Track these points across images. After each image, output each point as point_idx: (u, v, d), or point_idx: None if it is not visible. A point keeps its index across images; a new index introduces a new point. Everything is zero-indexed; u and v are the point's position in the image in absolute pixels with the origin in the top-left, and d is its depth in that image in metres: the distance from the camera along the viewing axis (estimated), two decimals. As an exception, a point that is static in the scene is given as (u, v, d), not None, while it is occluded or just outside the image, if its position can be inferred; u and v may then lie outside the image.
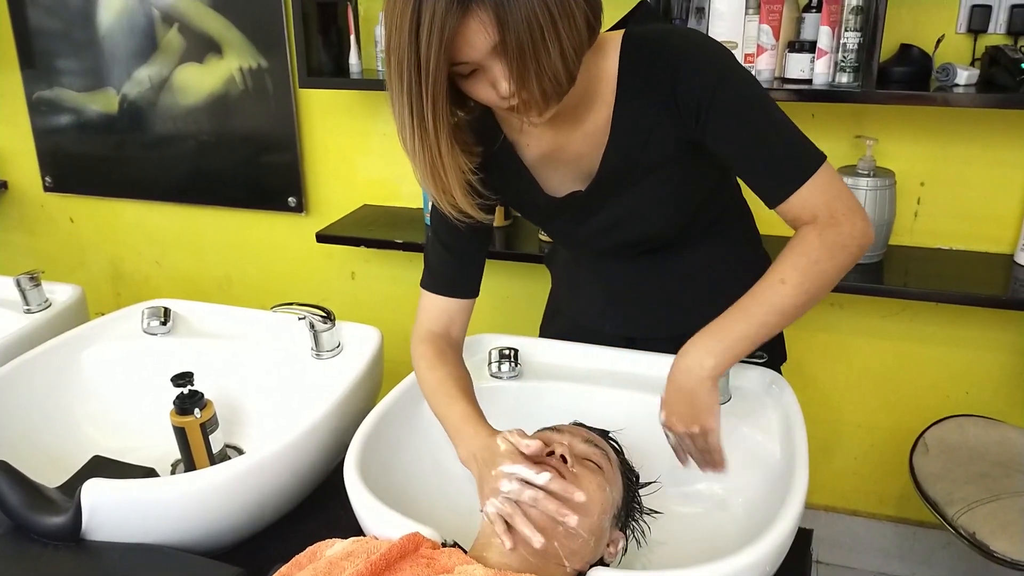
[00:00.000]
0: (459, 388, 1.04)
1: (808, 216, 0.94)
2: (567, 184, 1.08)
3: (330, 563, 0.80)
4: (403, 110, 0.87)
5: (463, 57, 0.83)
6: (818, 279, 0.94)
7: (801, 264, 0.93)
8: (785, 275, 0.94)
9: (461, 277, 1.13)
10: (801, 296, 0.94)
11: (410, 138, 0.89)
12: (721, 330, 0.95)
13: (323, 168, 2.21)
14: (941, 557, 2.03)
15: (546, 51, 0.82)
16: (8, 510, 0.98)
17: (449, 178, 0.93)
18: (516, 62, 0.82)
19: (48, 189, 2.51)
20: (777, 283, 0.94)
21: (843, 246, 0.94)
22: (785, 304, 0.93)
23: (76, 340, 1.33)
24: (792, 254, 0.94)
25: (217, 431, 1.16)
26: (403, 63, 0.83)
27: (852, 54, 1.56)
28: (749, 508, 1.02)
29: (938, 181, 1.74)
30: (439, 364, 1.08)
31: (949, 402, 1.89)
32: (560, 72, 0.84)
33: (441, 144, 0.89)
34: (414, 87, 0.84)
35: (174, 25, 2.15)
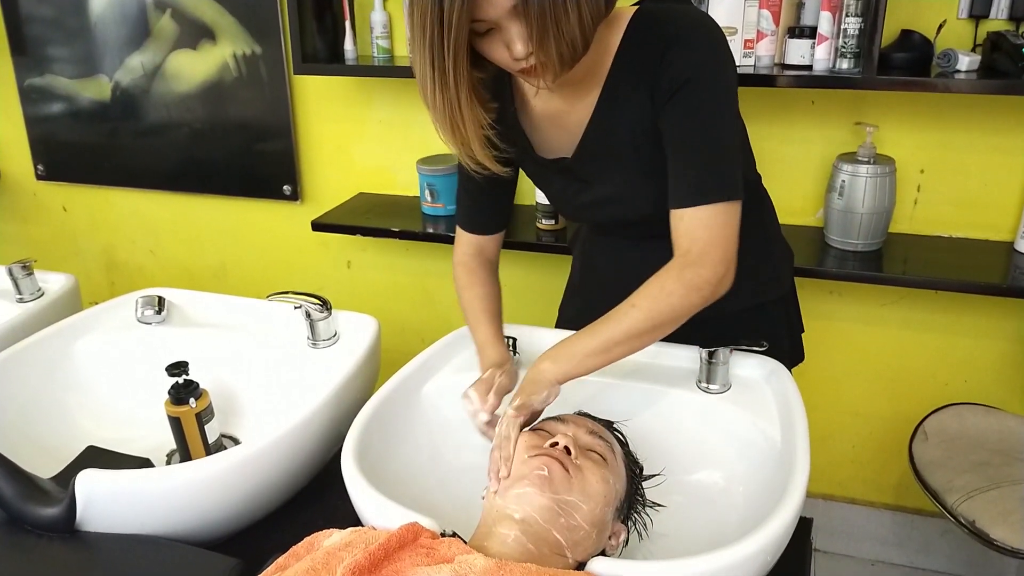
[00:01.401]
0: (482, 310, 1.15)
1: (685, 242, 0.98)
2: (557, 149, 1.11)
3: (328, 554, 0.79)
4: (424, 63, 0.89)
5: (483, 15, 0.85)
6: (666, 311, 0.97)
7: (654, 292, 0.98)
8: (637, 301, 0.98)
9: (485, 218, 1.22)
10: (648, 322, 0.97)
11: (431, 91, 0.91)
12: (571, 343, 1.00)
13: (318, 156, 2.20)
14: (939, 545, 2.03)
15: (565, 15, 0.84)
16: (2, 501, 0.97)
17: (468, 131, 0.95)
18: (536, 23, 0.84)
19: (40, 177, 2.49)
20: (628, 307, 0.98)
21: (698, 288, 0.97)
22: (632, 328, 0.97)
23: (70, 330, 1.32)
24: (650, 284, 0.99)
25: (213, 421, 1.15)
26: (426, 16, 0.85)
27: (853, 40, 1.54)
28: (750, 498, 1.02)
29: (938, 168, 1.74)
30: (467, 285, 1.19)
31: (948, 390, 1.89)
32: (577, 37, 0.87)
33: (461, 97, 0.92)
34: (436, 40, 0.86)
35: (167, 11, 2.13)
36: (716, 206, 0.96)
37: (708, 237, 0.97)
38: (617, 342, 0.98)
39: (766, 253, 1.24)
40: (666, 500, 1.02)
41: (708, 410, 1.10)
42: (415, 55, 0.90)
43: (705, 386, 1.11)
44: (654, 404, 1.11)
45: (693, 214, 0.97)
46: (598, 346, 0.98)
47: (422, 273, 2.23)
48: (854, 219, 1.66)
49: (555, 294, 1.47)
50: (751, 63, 1.65)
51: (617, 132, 1.04)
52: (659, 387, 1.12)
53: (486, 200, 1.21)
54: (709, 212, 0.97)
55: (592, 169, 1.10)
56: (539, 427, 0.96)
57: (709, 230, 0.97)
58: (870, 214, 1.65)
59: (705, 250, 0.97)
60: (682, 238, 0.98)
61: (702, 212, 0.97)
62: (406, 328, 2.28)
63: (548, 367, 0.98)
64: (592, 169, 1.10)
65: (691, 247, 0.97)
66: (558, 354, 0.99)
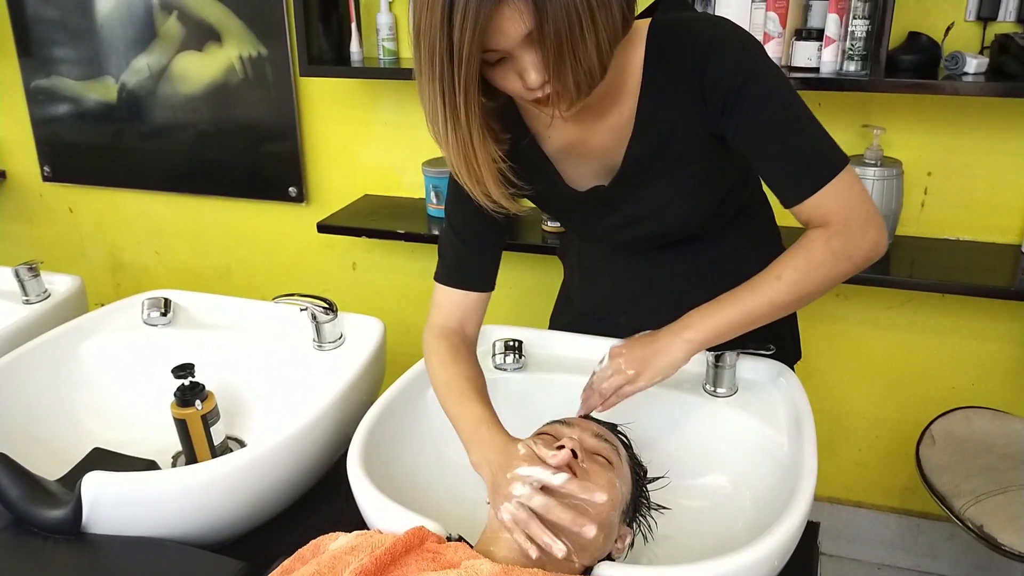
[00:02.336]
0: (473, 389, 1.01)
1: (821, 220, 0.94)
2: (589, 178, 1.06)
3: (334, 557, 0.79)
4: (435, 97, 0.85)
5: (494, 45, 0.81)
6: (815, 282, 0.94)
7: (801, 265, 0.94)
8: (783, 273, 0.95)
9: (476, 269, 1.09)
10: (794, 294, 0.95)
11: (442, 126, 0.87)
12: (711, 310, 0.97)
13: (324, 158, 2.20)
14: (945, 549, 2.02)
15: (583, 42, 0.80)
16: (8, 503, 0.97)
17: (482, 168, 0.91)
18: (553, 53, 0.80)
19: (47, 179, 2.50)
20: (773, 279, 0.95)
21: (848, 255, 0.93)
22: (776, 299, 0.95)
23: (75, 331, 1.32)
24: (795, 254, 0.95)
25: (218, 423, 1.15)
26: (435, 48, 0.81)
27: (860, 42, 1.54)
28: (756, 502, 1.01)
29: (946, 171, 1.73)
30: (452, 362, 1.04)
31: (955, 393, 1.88)
32: (595, 64, 0.83)
33: (473, 133, 0.88)
34: (446, 74, 0.82)
35: (173, 13, 2.13)
36: (834, 181, 0.92)
37: (842, 206, 0.93)
38: (761, 315, 0.96)
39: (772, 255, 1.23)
40: (673, 504, 1.01)
41: (715, 414, 1.10)
42: (424, 90, 0.86)
43: (712, 390, 1.11)
44: (660, 408, 1.11)
45: (816, 198, 0.93)
46: (741, 318, 0.96)
47: (427, 275, 2.20)
48: (861, 222, 1.66)
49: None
50: (758, 65, 1.65)
51: (662, 151, 1.00)
52: (665, 390, 1.12)
53: (483, 245, 1.08)
54: (830, 189, 0.92)
55: (631, 193, 1.05)
56: (544, 431, 0.96)
57: (841, 200, 0.93)
58: (877, 217, 1.65)
59: (847, 219, 0.93)
60: (815, 217, 0.94)
61: (823, 194, 0.93)
62: (411, 330, 2.27)
63: (689, 337, 0.96)
64: (631, 193, 1.05)
65: (829, 219, 0.93)
66: (699, 324, 0.97)
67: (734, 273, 1.18)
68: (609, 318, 1.25)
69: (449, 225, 1.10)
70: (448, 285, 1.10)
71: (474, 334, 1.11)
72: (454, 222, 1.09)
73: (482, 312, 1.12)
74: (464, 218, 1.06)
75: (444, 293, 1.10)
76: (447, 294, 1.10)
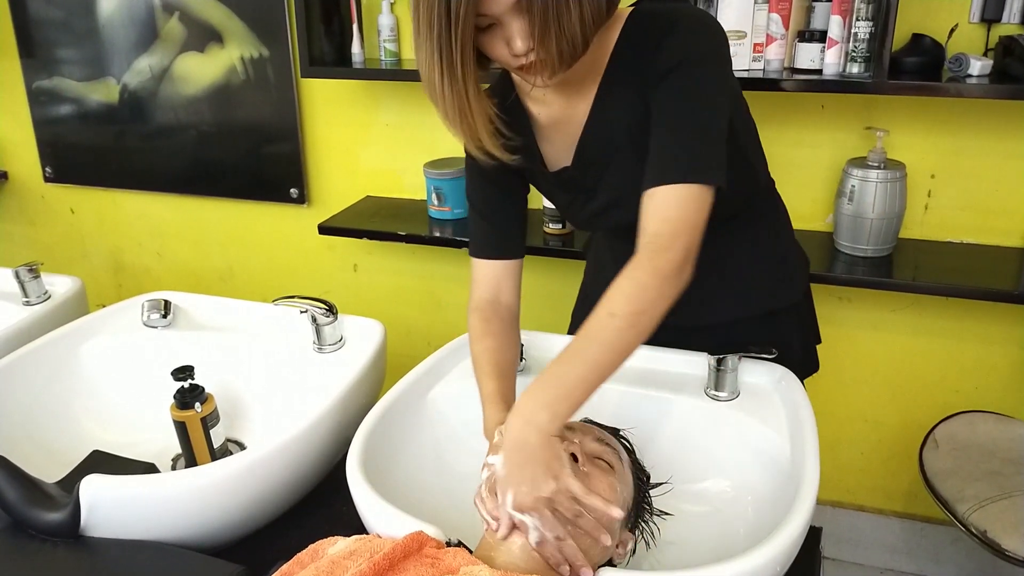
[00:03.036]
0: (490, 363, 1.05)
1: (653, 225, 0.91)
2: (560, 158, 1.10)
3: (332, 562, 0.78)
4: (432, 56, 0.90)
5: (487, 9, 0.86)
6: (648, 308, 0.88)
7: (630, 293, 0.88)
8: (614, 308, 0.87)
9: (501, 239, 1.14)
10: (633, 327, 0.87)
11: (439, 83, 0.92)
12: (553, 378, 0.86)
13: (325, 159, 2.19)
14: (949, 554, 2.01)
15: (567, 11, 0.86)
16: (6, 506, 0.97)
17: (477, 121, 0.96)
18: (539, 19, 0.85)
19: (48, 180, 2.49)
20: (606, 317, 0.87)
21: (669, 276, 0.89)
22: (616, 340, 0.87)
23: (75, 333, 1.31)
24: (623, 283, 0.89)
25: (218, 425, 1.15)
26: (432, 9, 0.86)
27: (863, 44, 1.53)
28: (758, 507, 1.01)
29: (949, 173, 1.72)
30: (479, 336, 1.09)
31: (958, 397, 1.87)
32: (577, 35, 0.88)
33: (469, 88, 0.92)
34: (443, 33, 0.87)
35: (175, 14, 2.13)
36: (692, 187, 0.90)
37: (679, 218, 0.90)
38: (607, 361, 0.86)
39: (779, 259, 1.23)
40: (674, 508, 1.01)
41: (716, 418, 1.09)
42: (421, 49, 0.91)
43: (714, 393, 1.10)
44: (662, 411, 1.10)
45: (667, 192, 0.90)
46: (587, 372, 0.85)
47: (428, 277, 2.22)
48: (864, 224, 1.65)
49: (562, 299, 1.46)
50: (760, 67, 1.64)
51: (614, 132, 1.03)
52: (667, 394, 1.11)
53: (503, 218, 1.14)
54: (684, 192, 0.90)
55: (592, 175, 1.08)
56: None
57: (681, 211, 0.90)
58: (880, 219, 1.64)
59: (675, 233, 0.89)
60: (651, 219, 0.91)
61: (677, 191, 0.90)
62: (412, 332, 2.27)
63: (544, 416, 0.83)
64: (592, 175, 1.08)
65: (660, 229, 0.90)
66: (541, 395, 0.85)
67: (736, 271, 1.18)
68: None
69: (471, 203, 1.16)
70: (479, 257, 1.15)
71: (511, 300, 1.14)
72: (474, 200, 1.16)
73: (517, 278, 1.15)
74: (482, 194, 1.14)
75: (478, 267, 1.15)
76: (480, 267, 1.15)
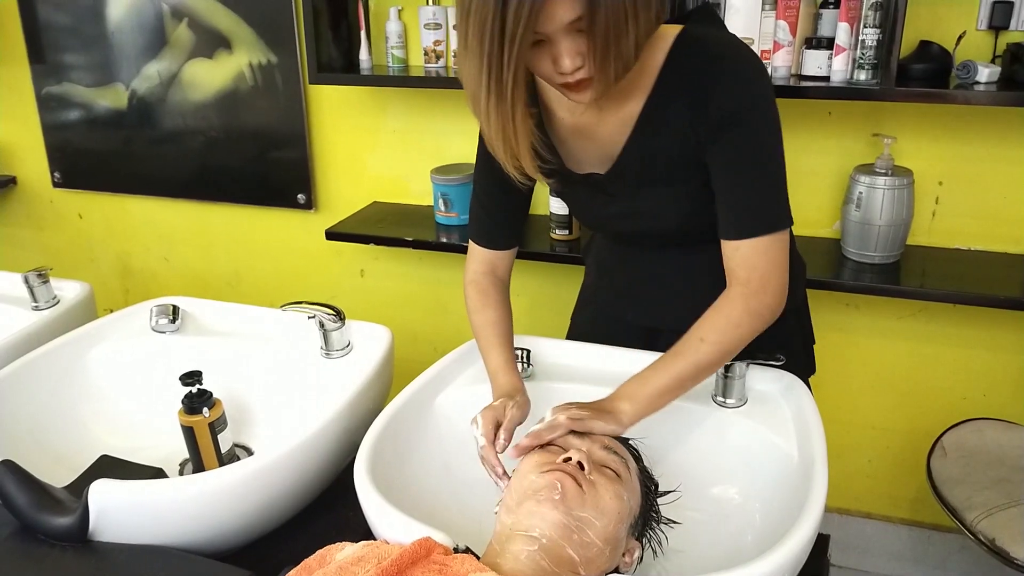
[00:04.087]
0: (497, 336, 1.13)
1: (743, 273, 1.01)
2: (588, 163, 1.10)
3: (340, 568, 0.78)
4: (480, 73, 0.88)
5: (541, 28, 0.84)
6: (735, 341, 1.01)
7: (721, 326, 1.01)
8: (705, 335, 1.01)
9: (498, 234, 1.19)
10: (717, 355, 1.01)
11: (485, 102, 0.91)
12: (643, 382, 1.00)
13: (333, 165, 2.20)
14: (956, 561, 2.01)
15: (626, 35, 0.85)
16: (15, 510, 0.97)
17: (520, 144, 0.96)
18: (600, 41, 0.84)
19: (57, 185, 2.51)
20: (697, 342, 1.00)
21: (760, 315, 1.01)
22: (702, 361, 1.00)
23: (84, 338, 1.32)
24: (718, 316, 1.01)
25: (226, 430, 1.15)
26: (486, 26, 0.83)
27: (871, 51, 1.53)
28: (766, 514, 1.00)
29: (957, 180, 1.72)
30: (480, 307, 1.16)
31: (966, 404, 1.86)
32: (631, 56, 0.88)
33: (516, 111, 0.92)
34: (495, 53, 0.85)
35: (183, 20, 2.14)
36: (773, 235, 0.99)
37: (767, 266, 1.00)
38: (689, 377, 1.00)
39: None
40: (681, 516, 1.01)
41: (724, 425, 1.09)
42: (468, 65, 0.89)
43: (721, 400, 1.10)
44: (669, 418, 1.10)
45: (752, 244, 0.99)
46: (670, 384, 1.00)
47: (435, 282, 2.22)
48: (871, 231, 1.65)
49: (568, 304, 1.46)
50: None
51: (656, 154, 1.04)
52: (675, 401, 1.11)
53: (501, 214, 1.18)
54: (767, 242, 0.99)
55: (624, 186, 1.09)
56: (553, 442, 0.95)
57: (768, 258, 1.00)
58: (888, 226, 1.64)
59: (766, 278, 1.00)
60: (740, 268, 1.01)
61: (761, 242, 0.99)
62: (418, 337, 2.27)
63: (626, 409, 0.98)
64: (624, 186, 1.09)
65: (751, 276, 1.00)
66: (633, 394, 0.99)
67: None
68: (618, 315, 1.28)
69: (474, 191, 1.20)
70: (477, 244, 1.21)
71: (505, 274, 1.22)
72: (478, 191, 1.19)
73: (509, 261, 1.22)
74: (486, 187, 1.16)
75: (475, 250, 1.21)
76: (477, 251, 1.21)
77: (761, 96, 0.98)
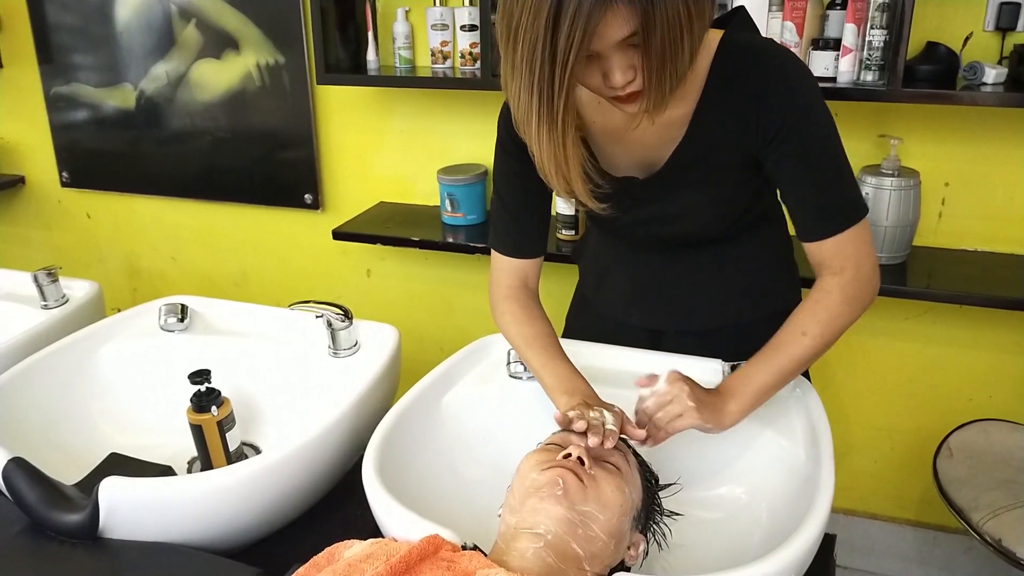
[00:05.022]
0: (554, 344, 1.09)
1: (836, 264, 1.00)
2: (624, 167, 1.08)
3: (349, 565, 0.79)
4: (530, 99, 0.85)
5: (594, 46, 0.82)
6: (836, 331, 1.01)
7: (823, 318, 1.00)
8: (807, 327, 1.00)
9: (524, 239, 1.15)
10: (819, 347, 1.01)
11: (536, 128, 0.88)
12: (749, 378, 1.00)
13: (339, 165, 2.21)
14: (962, 562, 2.00)
15: (681, 51, 0.83)
16: (25, 507, 0.98)
17: (572, 169, 0.94)
18: (656, 59, 0.82)
19: (65, 184, 2.52)
20: (799, 335, 1.00)
21: (860, 299, 1.01)
22: (805, 355, 1.00)
23: (93, 336, 1.33)
24: (815, 307, 1.01)
25: (234, 429, 1.16)
26: (536, 50, 0.81)
27: (878, 52, 1.53)
28: (772, 513, 1.01)
29: (963, 181, 1.72)
30: (527, 320, 1.12)
31: (971, 406, 1.86)
32: (686, 69, 0.86)
33: (568, 135, 0.89)
34: (546, 77, 0.82)
35: (191, 21, 2.15)
36: (855, 227, 0.99)
37: (857, 253, 1.00)
38: (792, 372, 1.01)
39: (788, 261, 1.24)
40: (688, 514, 1.01)
41: (730, 424, 1.09)
42: (516, 89, 0.86)
43: (727, 400, 1.10)
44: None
45: (837, 240, 1.00)
46: (774, 380, 1.00)
47: (441, 282, 2.23)
48: (878, 232, 1.65)
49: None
50: (774, 75, 1.64)
51: (704, 159, 1.03)
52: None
53: (527, 217, 1.13)
54: (850, 233, 0.99)
55: (662, 192, 1.08)
56: (552, 440, 0.96)
57: (857, 247, 1.00)
58: (894, 227, 1.64)
59: (859, 264, 1.00)
60: (833, 260, 1.00)
61: (844, 236, 0.99)
62: (424, 337, 2.28)
63: (733, 409, 0.99)
64: (662, 192, 1.08)
65: (844, 265, 1.00)
66: (739, 391, 1.00)
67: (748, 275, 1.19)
68: (622, 318, 1.27)
69: (499, 198, 1.15)
70: (504, 254, 1.15)
71: (536, 286, 1.18)
72: (505, 198, 1.14)
73: (538, 270, 1.17)
74: (512, 194, 1.12)
75: (503, 262, 1.16)
76: (504, 263, 1.16)
77: (815, 96, 0.98)
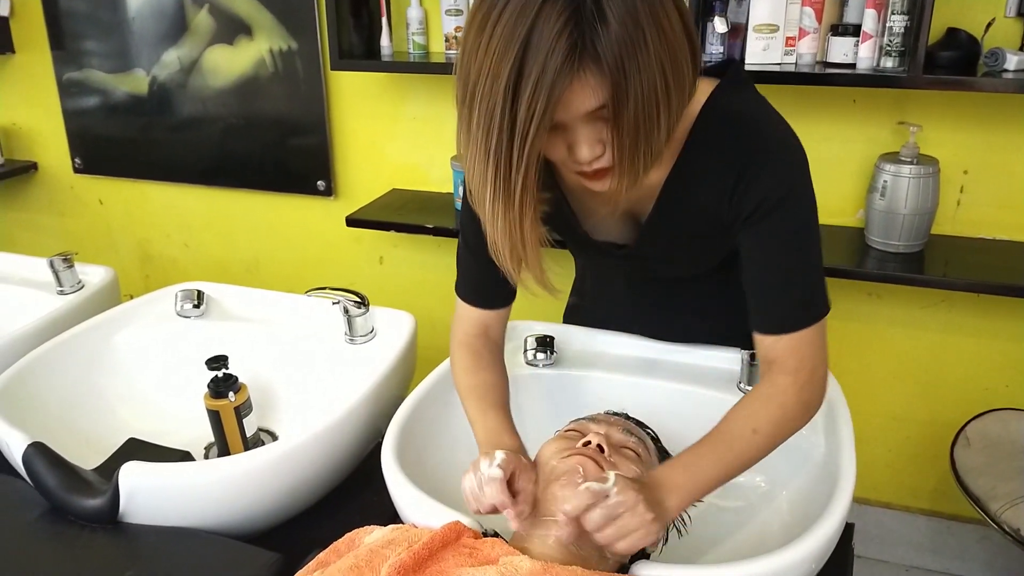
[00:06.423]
0: (494, 395, 1.00)
1: (791, 364, 0.92)
2: (604, 225, 1.02)
3: (371, 551, 0.79)
4: (485, 169, 0.75)
5: (559, 117, 0.73)
6: (785, 436, 0.92)
7: (777, 417, 0.91)
8: (758, 425, 0.90)
9: (491, 288, 1.04)
10: (765, 450, 0.91)
11: (491, 203, 0.77)
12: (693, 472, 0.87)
13: (352, 152, 2.20)
14: (976, 552, 2.00)
15: (656, 127, 0.74)
16: (45, 491, 0.98)
17: (528, 251, 0.83)
18: (628, 138, 0.73)
19: (78, 171, 2.52)
20: (750, 433, 0.90)
21: (812, 406, 0.93)
22: (752, 456, 0.91)
23: (110, 322, 1.33)
24: (770, 404, 0.91)
25: (251, 415, 1.16)
26: (494, 118, 0.71)
27: (898, 38, 1.52)
28: (792, 502, 1.00)
29: (982, 169, 1.70)
30: (474, 370, 1.03)
31: (988, 395, 1.85)
32: (661, 149, 0.76)
33: (525, 216, 0.78)
34: (504, 149, 0.73)
35: (204, 6, 2.14)
36: (813, 327, 0.92)
37: (815, 358, 0.93)
38: (738, 469, 0.90)
39: None
40: (708, 503, 1.00)
41: (750, 412, 1.08)
42: (472, 159, 0.76)
43: (747, 388, 1.10)
44: (695, 406, 1.10)
45: (797, 337, 0.92)
46: (720, 476, 0.88)
47: (454, 270, 2.21)
48: (896, 220, 1.64)
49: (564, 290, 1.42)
50: (792, 61, 1.63)
51: (678, 227, 0.98)
52: (700, 389, 1.11)
53: (495, 268, 0.90)
54: (812, 332, 0.92)
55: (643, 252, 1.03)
56: (571, 427, 0.95)
57: (814, 350, 0.92)
58: (912, 215, 1.62)
59: (815, 370, 0.93)
60: (787, 360, 0.92)
61: (804, 334, 0.92)
62: (437, 324, 2.26)
63: (673, 504, 0.84)
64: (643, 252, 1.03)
65: (800, 366, 0.92)
66: (680, 485, 0.86)
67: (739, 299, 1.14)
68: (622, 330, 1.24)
69: (463, 239, 1.05)
70: (467, 302, 1.07)
71: (499, 336, 1.09)
72: (469, 240, 1.03)
73: (504, 320, 1.09)
74: (475, 233, 0.96)
75: (464, 307, 1.07)
76: (467, 308, 1.07)
77: (801, 182, 0.90)
